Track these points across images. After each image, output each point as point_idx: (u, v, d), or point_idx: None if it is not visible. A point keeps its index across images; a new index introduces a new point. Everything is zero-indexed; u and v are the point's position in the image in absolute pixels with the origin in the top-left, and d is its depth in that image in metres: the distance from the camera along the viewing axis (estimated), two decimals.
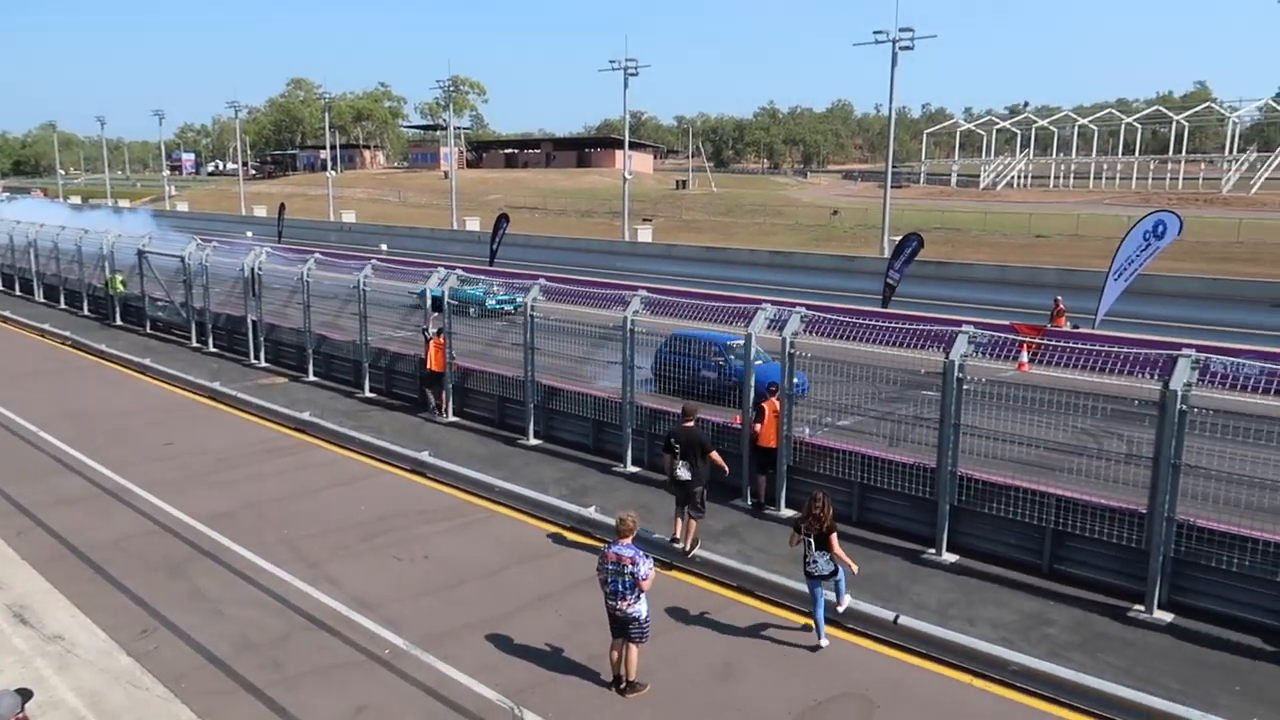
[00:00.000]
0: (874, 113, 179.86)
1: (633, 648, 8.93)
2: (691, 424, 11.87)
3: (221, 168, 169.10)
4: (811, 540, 9.69)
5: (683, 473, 11.66)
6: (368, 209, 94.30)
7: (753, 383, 14.05)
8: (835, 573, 9.79)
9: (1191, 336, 23.79)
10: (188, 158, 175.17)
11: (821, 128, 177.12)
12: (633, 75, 60.02)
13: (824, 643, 9.89)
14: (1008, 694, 9.04)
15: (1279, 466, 10.21)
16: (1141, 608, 10.67)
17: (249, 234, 59.58)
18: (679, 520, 11.96)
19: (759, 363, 15.58)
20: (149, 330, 29.71)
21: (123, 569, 11.67)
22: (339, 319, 22.89)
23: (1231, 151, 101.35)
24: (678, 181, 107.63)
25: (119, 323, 31.02)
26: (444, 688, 9.07)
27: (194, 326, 27.47)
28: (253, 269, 24.46)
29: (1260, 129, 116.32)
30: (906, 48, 47.17)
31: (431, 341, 18.94)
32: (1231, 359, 11.70)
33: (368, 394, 21.19)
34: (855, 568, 9.85)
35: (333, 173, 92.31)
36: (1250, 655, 9.76)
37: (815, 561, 9.70)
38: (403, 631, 10.13)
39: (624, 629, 8.86)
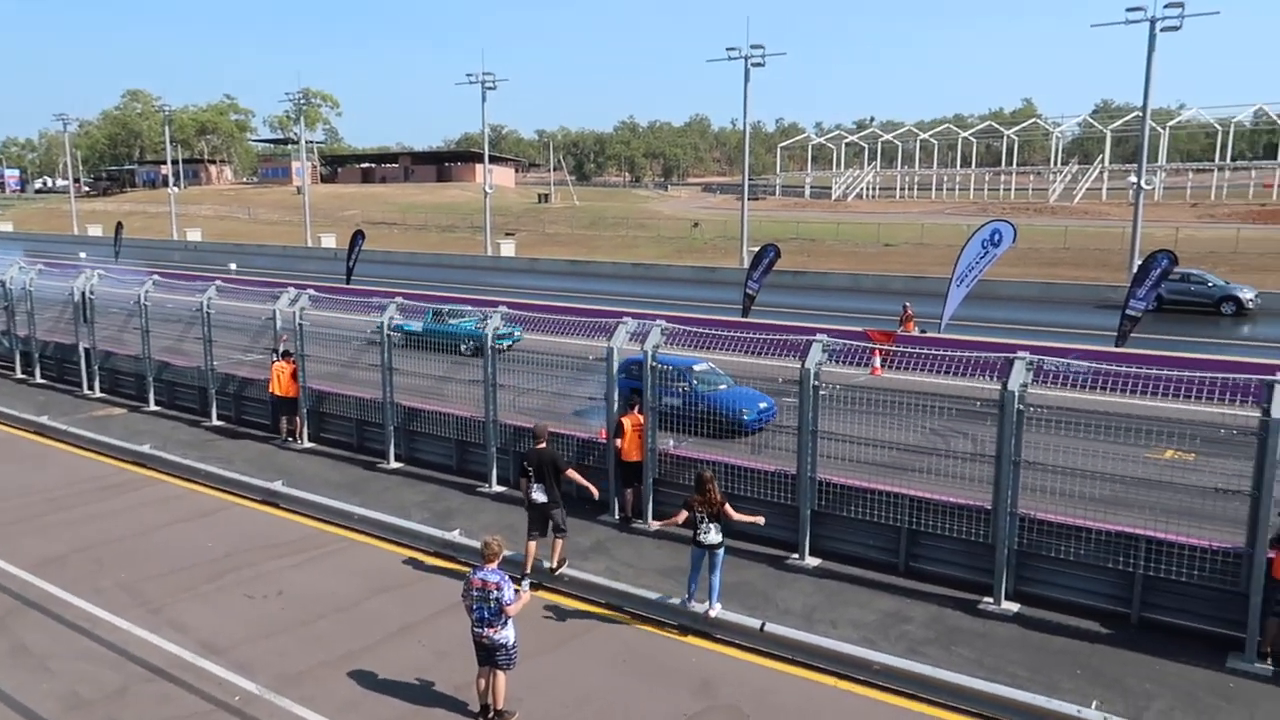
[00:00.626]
0: (730, 127, 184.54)
1: (500, 675, 8.69)
2: (543, 445, 11.66)
3: (51, 185, 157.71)
4: (704, 516, 10.23)
5: (538, 495, 11.48)
6: (215, 227, 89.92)
7: (615, 397, 14.02)
8: (721, 545, 10.31)
9: (1028, 337, 25.31)
10: (11, 174, 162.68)
11: (680, 141, 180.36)
12: (491, 89, 59.62)
13: (691, 604, 10.47)
14: (871, 694, 9.28)
15: (1109, 459, 10.89)
16: (990, 600, 11.17)
17: (82, 255, 55.73)
18: (532, 544, 11.54)
19: (722, 387, 15.63)
20: None
21: None
22: (182, 343, 21.57)
23: (1056, 164, 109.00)
24: (540, 195, 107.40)
25: None
26: None
27: (18, 356, 25.38)
28: (84, 293, 22.83)
29: (1080, 143, 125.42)
30: (758, 64, 48.63)
31: (275, 365, 18.08)
32: (1062, 359, 12.49)
33: (215, 422, 20.06)
34: (761, 519, 10.81)
35: (175, 189, 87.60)
36: (1089, 639, 10.36)
37: (708, 533, 10.28)
38: (255, 675, 9.56)
39: (491, 656, 8.63)
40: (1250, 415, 9.88)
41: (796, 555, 12.54)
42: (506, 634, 8.55)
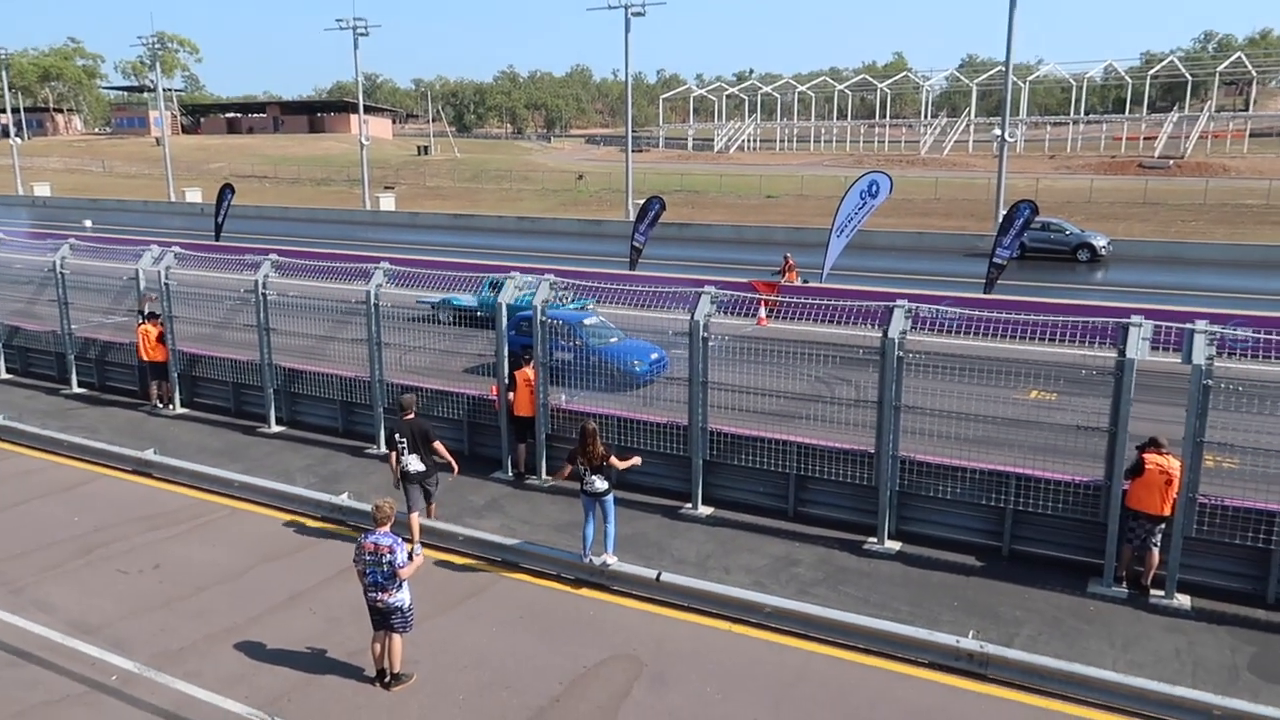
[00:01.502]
0: (612, 78, 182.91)
1: (396, 639, 8.56)
2: (411, 415, 11.45)
3: None
4: (586, 469, 10.33)
5: (415, 464, 11.32)
6: (66, 180, 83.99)
7: (506, 352, 13.84)
8: (609, 491, 10.45)
9: (902, 285, 26.15)
10: None
11: (562, 92, 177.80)
12: (363, 35, 57.34)
13: (590, 558, 10.53)
14: (764, 635, 9.55)
15: (981, 401, 11.41)
16: (875, 540, 11.64)
17: None
18: (413, 515, 11.36)
19: (613, 340, 15.44)
20: None
21: None
22: (34, 306, 20.16)
23: (926, 117, 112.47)
24: (419, 147, 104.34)
25: None
26: (186, 709, 8.28)
27: None
28: None
29: (948, 96, 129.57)
30: (638, 14, 48.23)
31: (141, 328, 17.11)
32: (934, 305, 12.98)
33: (76, 390, 18.89)
34: (638, 460, 11.00)
35: (17, 140, 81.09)
36: (965, 573, 10.93)
37: (593, 483, 10.41)
38: (133, 653, 9.14)
39: (386, 620, 8.49)
40: (1108, 356, 10.50)
41: (690, 505, 12.75)
42: (401, 597, 8.42)
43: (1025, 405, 11.73)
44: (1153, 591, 10.34)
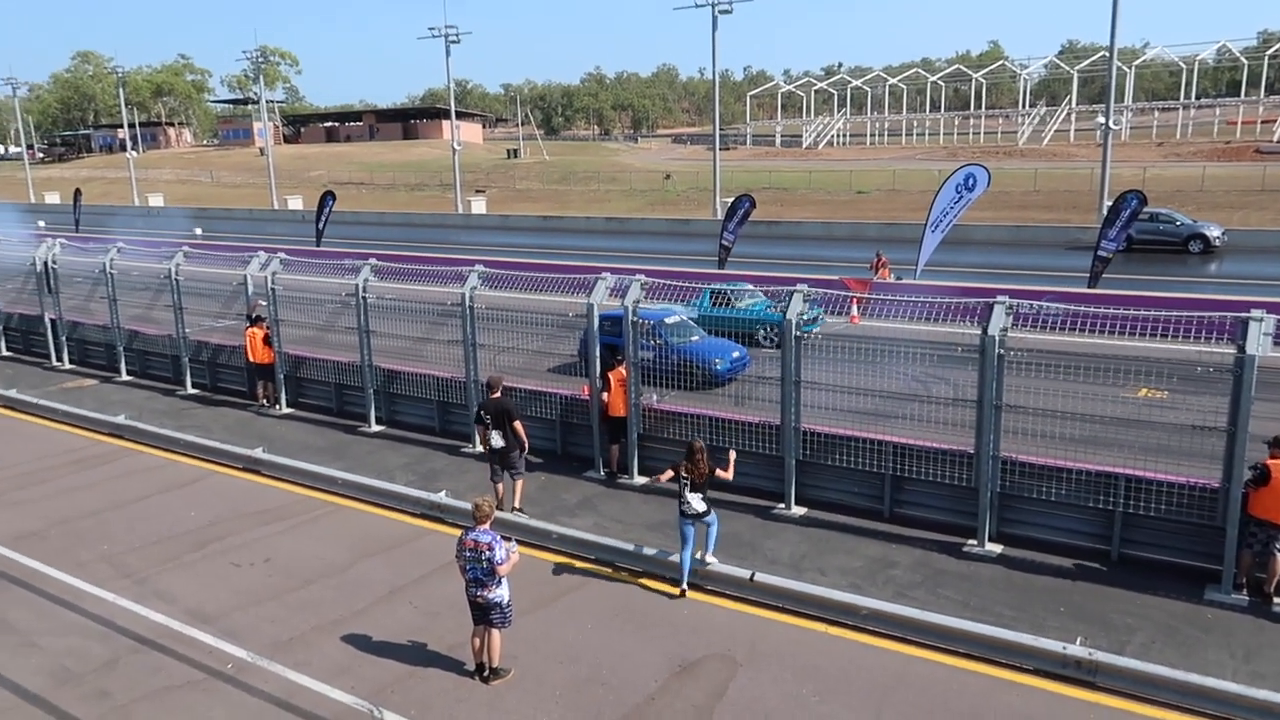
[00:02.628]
0: (699, 76, 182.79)
1: (495, 633, 8.73)
2: (498, 395, 12.40)
3: (4, 152, 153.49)
4: (689, 484, 10.25)
5: (497, 440, 12.24)
6: (177, 191, 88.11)
7: (598, 353, 13.95)
8: (708, 512, 10.36)
9: (1001, 281, 25.44)
10: None
11: (649, 92, 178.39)
12: (454, 43, 58.56)
13: (685, 588, 10.38)
14: (861, 638, 9.41)
15: (1086, 399, 11.01)
16: (975, 542, 11.33)
17: (40, 223, 54.49)
18: (498, 486, 12.47)
19: (694, 339, 15.52)
20: None
21: None
22: (152, 311, 21.21)
23: (1024, 107, 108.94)
24: (509, 151, 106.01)
25: None
26: (296, 698, 8.60)
27: None
28: (45, 262, 22.32)
29: (1047, 84, 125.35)
30: (725, 11, 48.02)
31: (249, 331, 17.83)
32: (1035, 301, 12.54)
33: (190, 390, 19.81)
34: (733, 454, 11.07)
35: (134, 153, 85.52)
36: (1070, 577, 10.55)
37: (689, 503, 10.32)
38: (246, 642, 9.54)
39: (486, 615, 8.66)
40: (1226, 352, 9.99)
41: (782, 505, 12.64)
42: (501, 593, 8.58)
43: (1134, 404, 11.26)
44: (1276, 600, 9.80)
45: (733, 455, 11.04)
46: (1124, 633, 9.36)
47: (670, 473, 10.57)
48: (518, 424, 12.21)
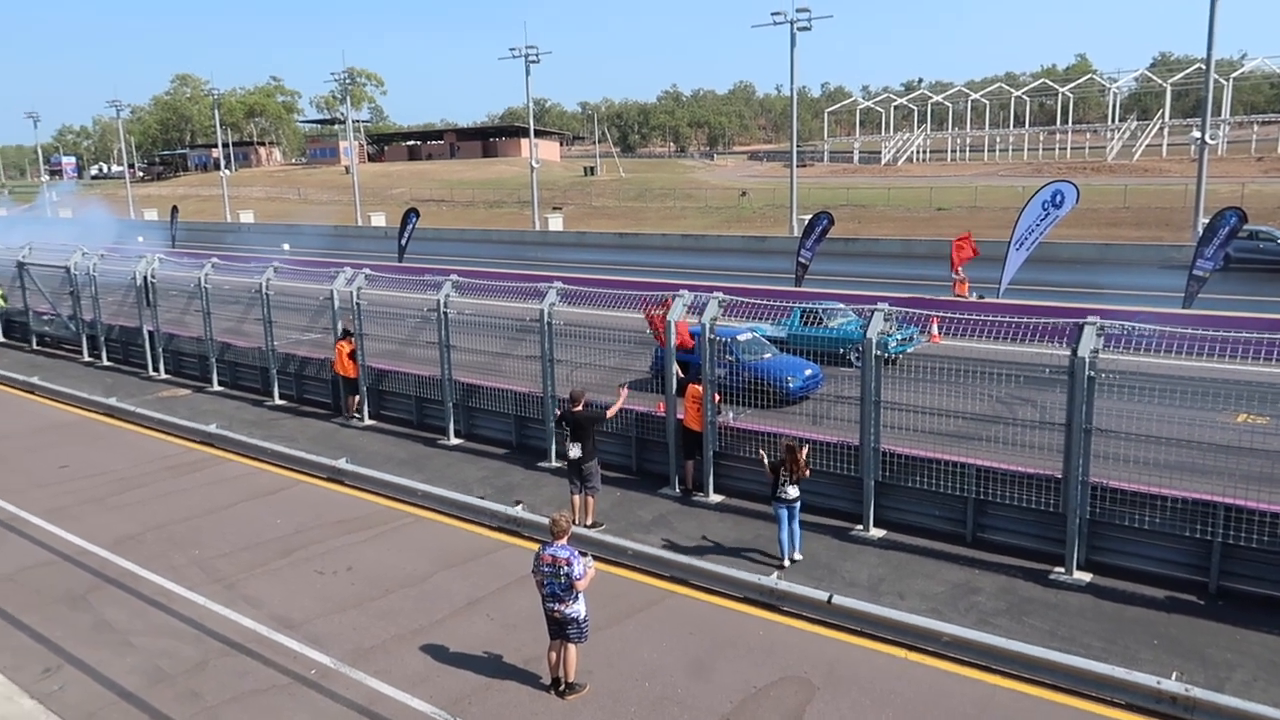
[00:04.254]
0: (775, 93, 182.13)
1: (571, 648, 8.77)
2: (579, 407, 12.71)
3: (106, 171, 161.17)
4: (788, 479, 11.38)
5: (574, 451, 12.57)
6: (266, 208, 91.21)
7: (674, 370, 13.95)
8: (799, 499, 11.52)
9: (1088, 300, 24.64)
10: (68, 161, 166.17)
11: (725, 109, 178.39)
12: (534, 63, 59.37)
13: (789, 561, 11.53)
14: (941, 665, 9.17)
15: (1181, 424, 10.58)
16: (1062, 570, 10.97)
17: (140, 239, 56.96)
18: (575, 498, 12.72)
19: (766, 356, 15.50)
20: (35, 347, 28.10)
21: (20, 604, 10.96)
22: (243, 324, 22.00)
23: (1113, 121, 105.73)
24: (585, 168, 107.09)
25: (1, 340, 29.26)
26: (376, 705, 8.76)
27: (84, 340, 26.08)
28: (145, 277, 23.33)
29: (1138, 98, 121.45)
30: (804, 29, 47.75)
31: (338, 344, 18.36)
32: (1127, 322, 12.09)
33: (278, 401, 20.44)
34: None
35: (227, 172, 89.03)
36: (1165, 609, 10.13)
37: (788, 491, 11.45)
38: (329, 649, 9.76)
39: (563, 630, 8.70)
40: None
41: (861, 527, 12.43)
42: (578, 608, 8.62)
43: (1233, 430, 10.78)
44: None
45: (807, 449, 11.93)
46: (1223, 669, 8.94)
47: (771, 475, 11.58)
48: (610, 411, 13.02)
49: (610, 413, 13.07)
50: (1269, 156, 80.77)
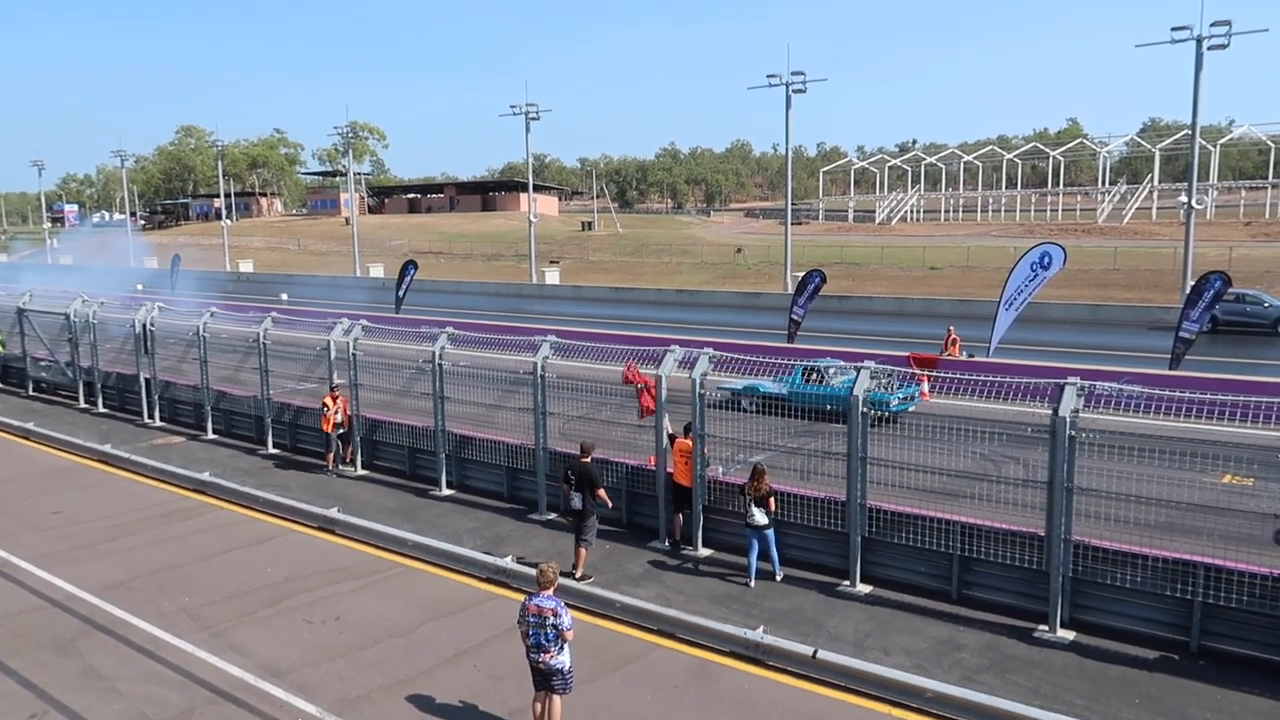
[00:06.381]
0: (772, 152, 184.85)
1: (557, 699, 8.80)
2: (587, 460, 13.05)
3: (108, 219, 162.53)
4: (753, 501, 12.25)
5: (576, 502, 12.89)
6: (266, 258, 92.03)
7: (665, 424, 14.13)
8: (769, 525, 12.39)
9: (1078, 360, 25.00)
10: (70, 209, 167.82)
11: (722, 167, 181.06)
12: (534, 120, 60.45)
13: (753, 584, 12.43)
14: None
15: (1164, 484, 10.75)
16: (1046, 628, 11.05)
17: (139, 287, 57.36)
18: (578, 549, 12.92)
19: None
20: (31, 392, 28.23)
21: (7, 649, 10.97)
22: (239, 373, 22.19)
23: (1104, 184, 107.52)
24: (583, 223, 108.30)
25: None
26: None
27: (82, 386, 26.23)
28: (144, 324, 23.56)
29: (1128, 162, 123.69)
30: (799, 90, 48.84)
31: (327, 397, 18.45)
32: (1114, 384, 12.34)
33: (271, 450, 20.53)
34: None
35: (228, 222, 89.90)
36: (1147, 668, 10.20)
37: (754, 515, 12.38)
38: (315, 698, 9.78)
39: (547, 681, 8.72)
40: None
41: (847, 582, 12.51)
42: (563, 659, 8.64)
43: (1215, 490, 10.96)
44: None
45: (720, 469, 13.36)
46: None
47: (742, 498, 12.55)
48: (600, 491, 12.91)
49: (601, 494, 12.92)
50: (1256, 221, 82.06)
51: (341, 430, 18.66)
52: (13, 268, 70.74)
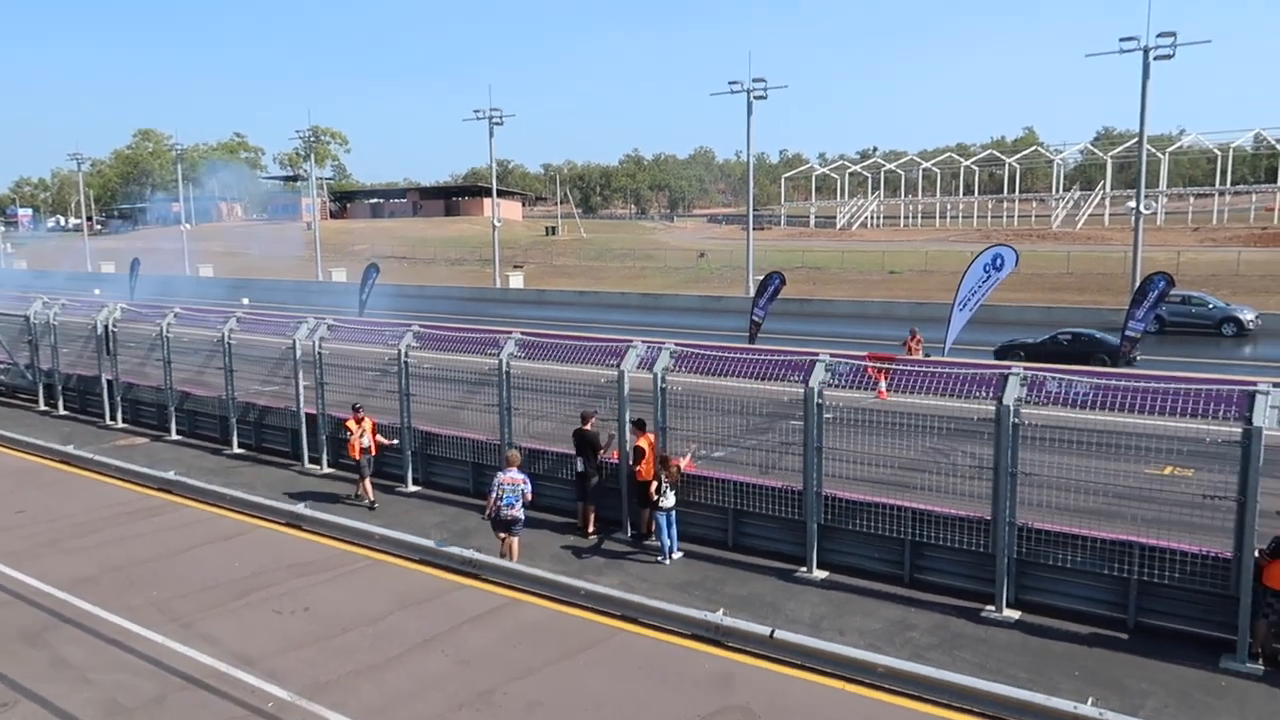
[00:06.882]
0: (735, 158, 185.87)
1: (515, 539, 13.03)
2: (587, 427, 14.47)
3: (64, 223, 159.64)
4: (666, 486, 13.27)
5: (579, 465, 14.54)
6: (227, 262, 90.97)
7: (627, 419, 14.48)
8: (674, 506, 13.38)
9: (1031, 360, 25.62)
10: (24, 213, 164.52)
11: (685, 173, 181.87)
12: (498, 124, 60.66)
13: (672, 558, 13.53)
14: (877, 695, 9.64)
15: (1107, 474, 11.27)
16: (992, 608, 11.55)
17: (96, 291, 56.58)
18: (580, 505, 14.92)
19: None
20: None
21: None
22: (203, 374, 22.18)
23: (1058, 191, 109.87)
24: (547, 228, 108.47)
25: None
26: None
27: (42, 389, 26.01)
28: (106, 326, 23.46)
29: (1082, 169, 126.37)
30: (760, 97, 49.57)
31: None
32: (1064, 377, 12.88)
33: (236, 450, 20.58)
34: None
35: (187, 225, 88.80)
36: (1087, 644, 10.74)
37: (666, 496, 13.33)
38: (286, 683, 9.99)
39: (509, 527, 12.94)
40: (1234, 428, 10.28)
41: (804, 569, 12.95)
42: (519, 512, 12.88)
43: (1151, 477, 11.52)
44: None
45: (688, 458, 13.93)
46: (1137, 697, 9.53)
47: (657, 485, 13.34)
48: (602, 451, 14.58)
49: (604, 450, 14.64)
50: (1204, 227, 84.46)
51: (369, 455, 16.57)
52: None
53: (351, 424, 16.52)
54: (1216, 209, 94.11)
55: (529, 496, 13.00)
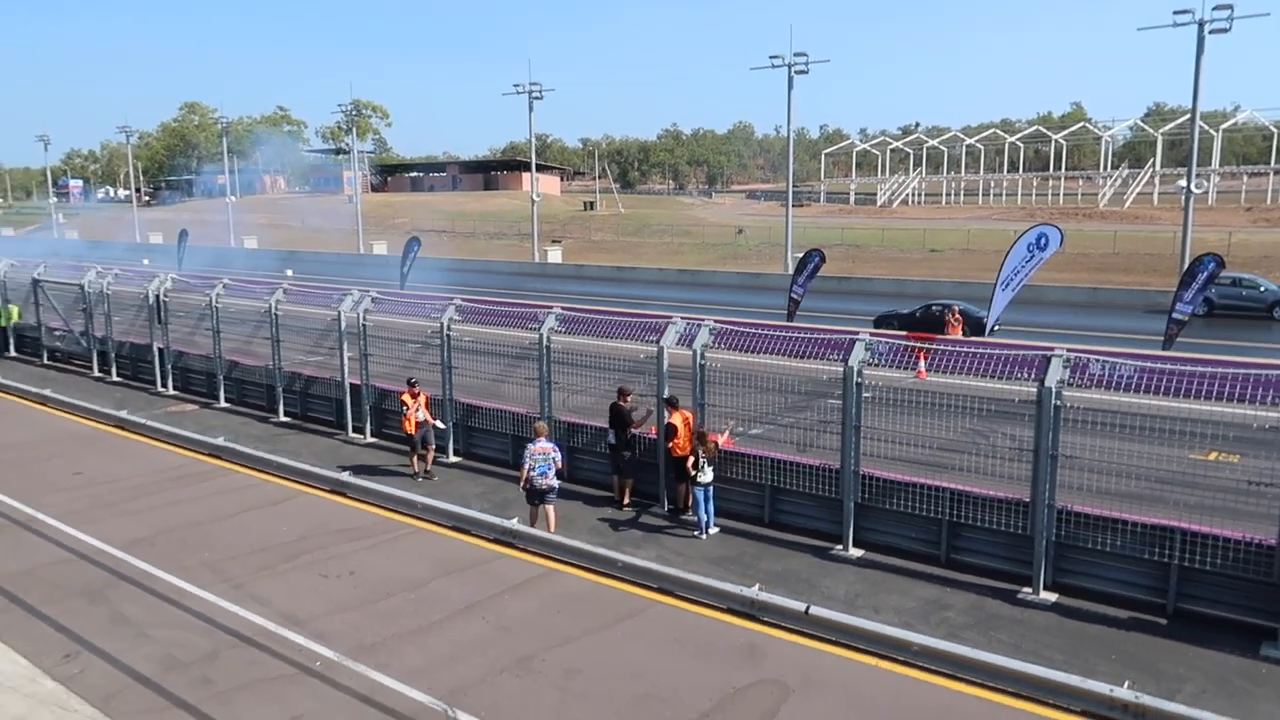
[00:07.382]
0: (774, 134, 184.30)
1: (550, 508, 13.44)
2: (622, 403, 14.76)
3: (113, 194, 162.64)
4: (704, 462, 13.35)
5: (611, 438, 14.90)
6: (270, 234, 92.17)
7: (665, 393, 14.60)
8: (712, 481, 13.55)
9: (1075, 342, 25.31)
10: (75, 184, 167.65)
11: (724, 149, 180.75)
12: (537, 99, 60.64)
13: (708, 533, 13.71)
14: (911, 673, 9.73)
15: (1151, 459, 11.20)
16: (1030, 590, 11.57)
17: (145, 261, 57.70)
18: (615, 478, 15.35)
19: None
20: (46, 361, 28.75)
21: (40, 598, 11.52)
22: (250, 344, 22.66)
23: (1106, 168, 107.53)
24: (585, 203, 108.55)
25: (13, 354, 29.90)
26: (377, 695, 9.32)
27: (95, 356, 26.73)
28: (158, 295, 24.02)
29: (1131, 146, 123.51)
30: (801, 71, 49.03)
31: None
32: (1109, 359, 12.76)
33: (283, 418, 21.04)
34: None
35: (232, 198, 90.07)
36: (1124, 627, 10.73)
37: (704, 472, 13.44)
38: (333, 644, 10.32)
39: (543, 497, 13.43)
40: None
41: (840, 546, 13.04)
42: (554, 481, 13.39)
43: (1195, 462, 11.43)
44: None
45: (726, 434, 14.07)
46: (1174, 682, 9.53)
47: (696, 460, 13.44)
48: (634, 429, 14.84)
49: (638, 423, 14.94)
50: (1258, 207, 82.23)
51: (425, 428, 16.69)
52: (21, 241, 71.00)
53: (407, 398, 16.60)
54: (1271, 188, 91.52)
55: (560, 465, 13.57)
